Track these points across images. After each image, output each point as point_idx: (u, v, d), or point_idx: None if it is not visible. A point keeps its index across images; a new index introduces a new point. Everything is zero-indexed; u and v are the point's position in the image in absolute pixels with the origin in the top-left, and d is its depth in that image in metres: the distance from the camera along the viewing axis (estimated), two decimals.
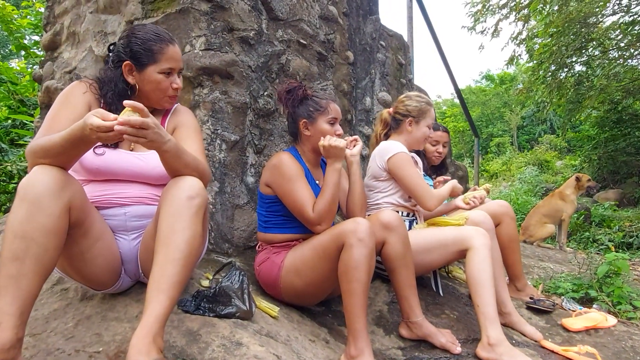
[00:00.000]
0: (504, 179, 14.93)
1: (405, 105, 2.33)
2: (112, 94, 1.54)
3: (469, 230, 1.99)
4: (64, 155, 1.24)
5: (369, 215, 2.12)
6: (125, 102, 1.19)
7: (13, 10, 6.28)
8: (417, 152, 2.73)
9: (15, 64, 6.22)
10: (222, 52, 2.23)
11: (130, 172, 1.52)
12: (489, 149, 21.20)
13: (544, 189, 10.39)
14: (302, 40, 2.65)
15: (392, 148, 2.24)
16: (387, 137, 2.42)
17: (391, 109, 2.42)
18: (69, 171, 1.30)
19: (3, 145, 4.38)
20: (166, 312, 1.18)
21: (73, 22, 2.88)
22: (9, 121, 4.79)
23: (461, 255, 2.00)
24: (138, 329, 1.14)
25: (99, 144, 1.48)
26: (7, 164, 4.22)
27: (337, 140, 1.79)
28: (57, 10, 3.09)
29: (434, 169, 2.92)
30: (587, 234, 6.00)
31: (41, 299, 1.67)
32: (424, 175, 2.69)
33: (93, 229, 1.38)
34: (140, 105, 1.19)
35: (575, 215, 6.36)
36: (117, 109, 1.51)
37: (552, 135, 18.99)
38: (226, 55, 2.22)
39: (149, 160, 1.54)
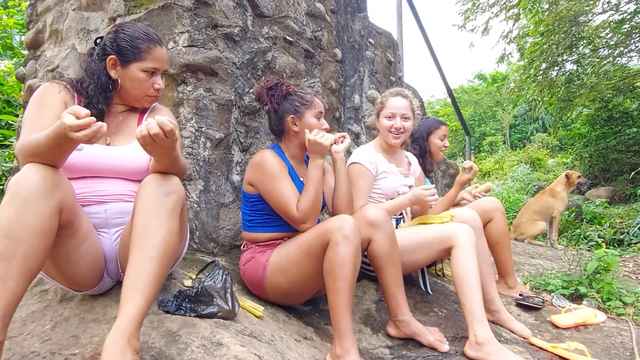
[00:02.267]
0: (497, 178, 14.97)
1: (377, 103, 2.39)
2: (94, 86, 1.51)
3: (453, 227, 1.97)
4: (52, 154, 1.20)
5: None
6: (69, 109, 1.11)
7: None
8: (423, 153, 2.75)
9: (3, 65, 6.13)
10: (206, 48, 2.19)
11: (108, 167, 1.49)
12: (481, 148, 21.27)
13: (536, 187, 10.42)
14: (288, 37, 2.62)
15: (353, 156, 2.28)
16: None
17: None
18: None
19: None
20: (142, 312, 1.14)
21: (56, 19, 2.83)
22: None
23: (447, 253, 1.97)
24: (112, 330, 1.10)
25: None
26: None
27: (324, 136, 1.75)
28: (39, 7, 3.03)
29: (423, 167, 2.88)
30: (578, 231, 6.01)
31: None
32: (425, 178, 2.68)
33: (81, 229, 1.34)
34: (85, 111, 1.11)
35: (567, 212, 6.38)
36: (98, 101, 1.52)
37: (544, 134, 19.09)
38: (210, 52, 2.19)
39: (126, 155, 1.52)
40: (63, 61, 2.72)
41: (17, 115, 4.68)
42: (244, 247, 1.98)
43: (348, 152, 2.93)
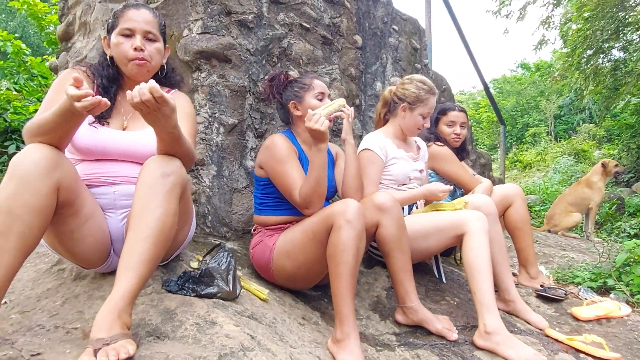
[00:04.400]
0: (538, 170, 14.44)
1: (404, 89, 2.24)
2: (101, 68, 1.58)
3: (465, 214, 1.92)
4: (57, 131, 1.24)
5: None
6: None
7: (44, 6, 6.49)
8: (438, 138, 2.65)
9: (48, 59, 6.43)
10: (219, 35, 2.21)
11: (121, 150, 1.53)
12: (523, 139, 20.51)
13: (579, 179, 9.97)
14: (305, 24, 2.61)
15: (363, 142, 2.23)
16: (386, 118, 2.35)
17: (394, 88, 2.33)
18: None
19: None
20: (134, 289, 1.17)
21: (84, 12, 2.94)
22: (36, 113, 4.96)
23: (459, 240, 1.92)
24: (104, 305, 1.13)
25: (93, 120, 1.51)
26: None
27: (318, 121, 1.67)
28: (70, 1, 3.15)
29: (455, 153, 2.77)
30: (619, 223, 5.71)
31: (38, 279, 1.71)
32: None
33: (83, 209, 1.38)
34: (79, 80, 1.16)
35: (607, 204, 6.07)
36: (109, 85, 1.57)
37: (591, 124, 18.19)
38: (223, 39, 2.21)
39: (139, 139, 1.55)
40: (90, 52, 2.82)
41: None
42: (254, 230, 2.00)
43: (359, 138, 2.89)
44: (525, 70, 28.91)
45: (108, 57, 1.59)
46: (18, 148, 4.29)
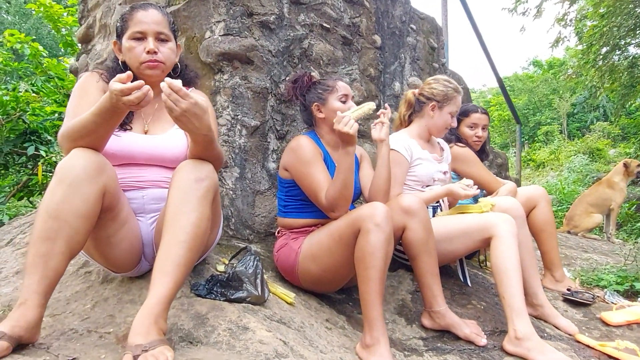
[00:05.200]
0: (552, 169, 14.26)
1: (431, 88, 2.22)
2: (115, 74, 1.54)
3: (493, 217, 1.88)
4: (97, 132, 1.25)
5: None
6: (114, 78, 1.17)
7: (60, 9, 6.55)
8: (459, 140, 2.61)
9: (63, 61, 6.49)
10: (242, 37, 2.21)
11: (147, 155, 1.52)
12: (536, 138, 20.30)
13: (595, 178, 9.83)
14: (325, 24, 2.59)
15: (390, 143, 2.15)
16: (410, 119, 2.32)
17: (416, 90, 2.31)
18: None
19: (49, 138, 4.59)
20: (169, 294, 1.17)
21: (104, 14, 2.95)
22: (55, 114, 5.01)
23: (486, 244, 1.89)
24: (140, 310, 1.13)
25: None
26: (52, 154, 4.42)
27: (348, 124, 1.63)
28: (90, 3, 3.17)
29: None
30: (639, 224, 5.62)
31: (66, 281, 1.72)
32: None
33: (122, 213, 1.40)
34: (127, 74, 1.18)
35: (626, 204, 5.98)
36: None
37: (605, 123, 17.94)
38: (245, 40, 2.20)
39: (163, 143, 1.54)
40: (111, 54, 2.83)
41: None
42: (278, 233, 1.99)
43: None
44: (537, 67, 28.62)
45: (120, 62, 1.56)
46: (37, 149, 4.34)
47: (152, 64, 1.50)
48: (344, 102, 1.91)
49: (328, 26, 2.61)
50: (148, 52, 1.49)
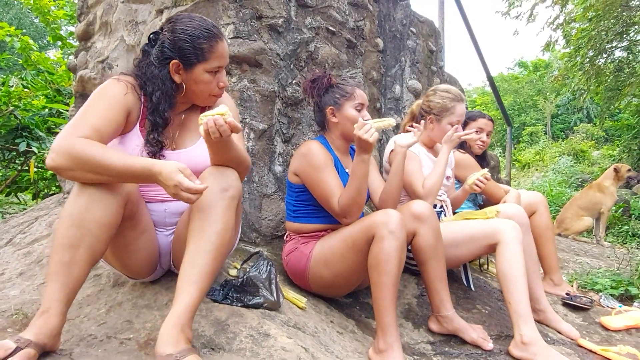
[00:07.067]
0: (537, 170, 14.49)
1: (428, 100, 2.27)
2: (159, 93, 1.41)
3: (499, 223, 1.92)
4: (115, 179, 1.21)
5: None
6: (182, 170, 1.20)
7: (50, 1, 6.43)
8: (461, 145, 2.65)
9: (52, 54, 6.37)
10: (251, 40, 2.20)
11: None
12: (520, 139, 20.58)
13: (580, 180, 10.03)
14: (331, 28, 2.60)
15: (392, 142, 2.21)
16: None
17: (421, 101, 2.35)
18: None
19: (40, 134, 4.51)
20: (195, 303, 1.18)
21: (105, 12, 2.91)
22: (46, 110, 4.93)
23: (491, 250, 1.93)
24: (167, 319, 1.14)
25: (146, 148, 1.41)
26: (44, 151, 4.35)
27: (368, 132, 1.64)
28: (90, 0, 3.12)
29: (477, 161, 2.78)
30: (626, 227, 5.76)
31: None
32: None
33: (141, 222, 1.40)
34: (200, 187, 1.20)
35: (614, 207, 6.12)
36: (164, 109, 1.42)
37: (589, 124, 18.27)
38: (254, 44, 2.20)
39: (191, 158, 1.48)
40: (112, 52, 2.80)
41: (67, 104, 4.86)
42: (287, 237, 2.00)
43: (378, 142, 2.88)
44: (522, 68, 28.97)
45: (175, 84, 1.45)
46: (29, 145, 4.26)
47: (219, 97, 1.53)
48: (359, 111, 1.91)
49: (334, 29, 2.62)
50: (220, 88, 1.49)
